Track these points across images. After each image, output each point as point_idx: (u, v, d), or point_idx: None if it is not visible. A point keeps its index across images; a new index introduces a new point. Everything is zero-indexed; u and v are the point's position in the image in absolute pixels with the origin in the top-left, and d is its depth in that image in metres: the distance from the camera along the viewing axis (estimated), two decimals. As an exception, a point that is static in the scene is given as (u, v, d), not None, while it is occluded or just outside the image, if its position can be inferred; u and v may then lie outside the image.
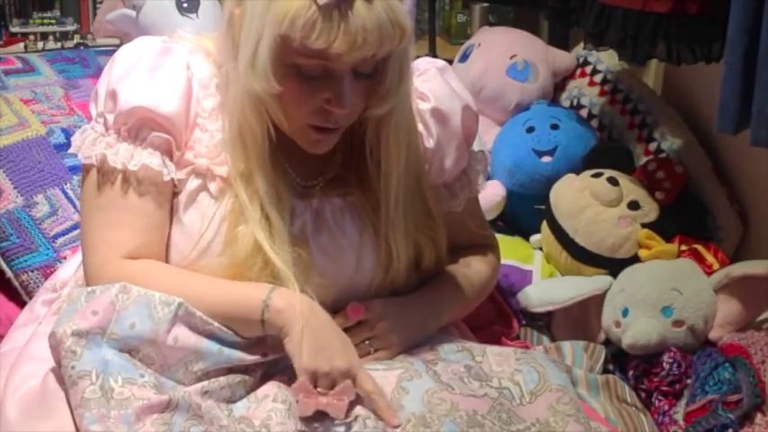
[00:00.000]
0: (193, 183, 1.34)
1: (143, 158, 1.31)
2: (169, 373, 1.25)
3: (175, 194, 1.34)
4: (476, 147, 1.54)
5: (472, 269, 1.51)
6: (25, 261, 1.68)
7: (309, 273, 1.32)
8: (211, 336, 1.27)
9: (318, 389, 1.25)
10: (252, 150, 1.30)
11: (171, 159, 1.34)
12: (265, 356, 1.29)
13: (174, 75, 1.33)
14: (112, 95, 1.33)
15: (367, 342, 1.35)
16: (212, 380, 1.25)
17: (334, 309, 1.35)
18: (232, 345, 1.27)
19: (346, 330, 1.33)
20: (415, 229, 1.40)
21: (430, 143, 1.43)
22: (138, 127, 1.32)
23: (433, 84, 1.44)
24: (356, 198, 1.38)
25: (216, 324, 1.27)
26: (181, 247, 1.34)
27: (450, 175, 1.47)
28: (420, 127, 1.42)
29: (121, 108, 1.32)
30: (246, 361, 1.28)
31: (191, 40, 1.40)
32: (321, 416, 1.24)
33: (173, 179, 1.33)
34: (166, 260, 1.35)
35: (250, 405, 1.25)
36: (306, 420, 1.24)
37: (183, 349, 1.26)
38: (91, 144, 1.33)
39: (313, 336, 1.26)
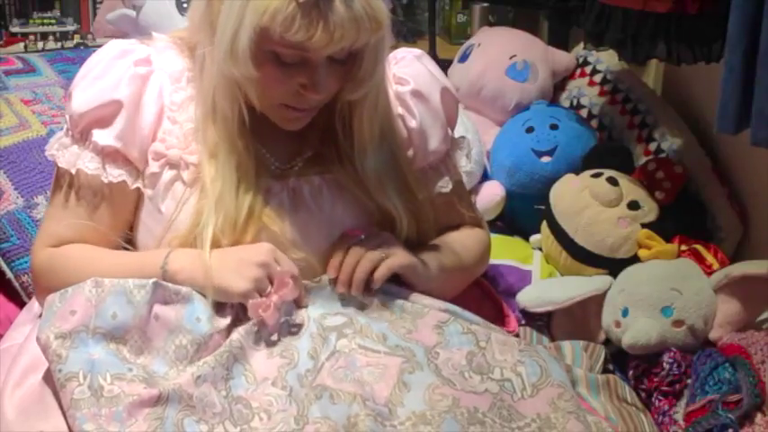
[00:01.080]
0: (167, 174, 1.38)
1: (83, 163, 1.37)
2: (159, 357, 1.27)
3: (141, 189, 1.39)
4: (473, 146, 1.56)
5: (460, 237, 1.55)
6: (26, 262, 1.67)
7: (285, 250, 1.35)
8: (186, 304, 1.30)
9: (263, 294, 1.30)
10: (222, 129, 1.34)
11: (125, 160, 1.38)
12: (236, 317, 1.32)
13: (120, 71, 1.38)
14: (70, 98, 1.39)
15: (378, 250, 1.37)
16: (201, 363, 1.26)
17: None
18: (205, 309, 1.30)
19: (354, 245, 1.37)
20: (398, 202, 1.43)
21: (413, 123, 1.48)
22: (87, 130, 1.38)
23: (410, 68, 1.50)
24: (336, 174, 1.41)
25: (184, 289, 1.31)
26: (155, 232, 1.38)
27: (436, 156, 1.51)
28: (401, 110, 1.47)
29: (73, 111, 1.38)
30: (222, 324, 1.31)
31: (163, 39, 1.45)
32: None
33: (112, 182, 1.37)
34: (140, 246, 1.41)
35: (249, 386, 1.27)
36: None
37: (166, 325, 1.29)
38: (53, 143, 1.41)
39: (221, 272, 1.30)
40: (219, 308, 1.32)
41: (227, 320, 1.31)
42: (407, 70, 1.49)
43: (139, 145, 1.38)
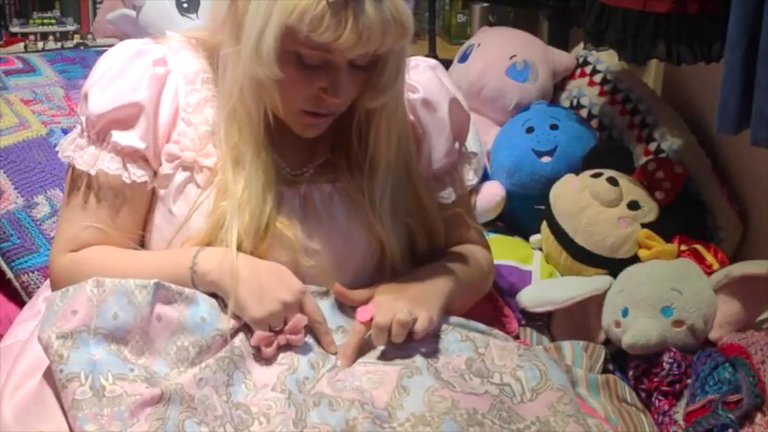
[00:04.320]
0: (181, 176, 1.38)
1: (103, 164, 1.36)
2: (161, 358, 1.27)
3: (156, 189, 1.39)
4: (474, 148, 1.56)
5: (473, 251, 1.54)
6: (26, 262, 1.68)
7: (297, 256, 1.35)
8: (190, 305, 1.30)
9: (274, 329, 1.30)
10: (246, 132, 1.34)
11: (144, 160, 1.37)
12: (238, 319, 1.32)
13: (139, 72, 1.37)
14: (85, 99, 1.38)
15: (406, 311, 1.33)
16: (203, 366, 1.26)
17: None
18: (209, 313, 1.30)
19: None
20: (405, 214, 1.43)
21: (419, 132, 1.48)
22: (105, 131, 1.37)
23: (422, 77, 1.49)
24: (346, 183, 1.40)
25: (187, 290, 1.30)
26: (166, 234, 1.38)
27: (439, 166, 1.50)
28: (410, 117, 1.46)
29: (90, 112, 1.37)
30: (226, 330, 1.30)
31: (178, 39, 1.44)
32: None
33: (136, 182, 1.36)
34: (150, 247, 1.40)
35: (248, 392, 1.27)
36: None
37: (168, 326, 1.28)
38: (68, 145, 1.40)
39: (248, 285, 1.30)
40: (224, 310, 1.32)
41: (233, 322, 1.31)
42: (419, 78, 1.48)
43: (155, 146, 1.38)
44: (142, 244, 1.41)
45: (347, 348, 1.33)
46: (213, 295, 1.33)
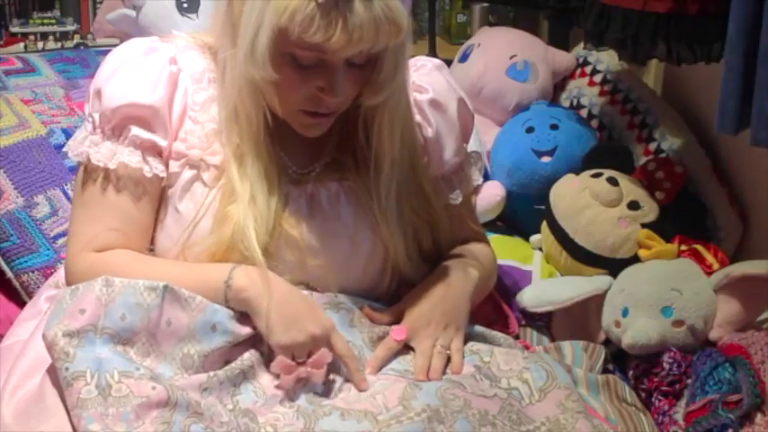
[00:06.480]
0: (187, 174, 1.37)
1: (123, 157, 1.35)
2: (166, 362, 1.26)
3: (166, 188, 1.38)
4: (474, 148, 1.57)
5: (480, 248, 1.55)
6: (26, 261, 1.68)
7: (304, 255, 1.35)
8: (203, 310, 1.28)
9: (297, 360, 1.28)
10: (246, 133, 1.34)
11: (160, 156, 1.37)
12: (256, 329, 1.30)
13: (156, 69, 1.37)
14: (98, 95, 1.37)
15: (439, 347, 1.37)
16: (211, 375, 1.25)
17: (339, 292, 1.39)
18: (222, 321, 1.29)
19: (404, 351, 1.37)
20: (411, 212, 1.43)
21: (429, 132, 1.48)
22: (122, 126, 1.36)
23: (430, 77, 1.50)
24: (353, 182, 1.41)
25: (198, 298, 1.29)
26: (173, 233, 1.37)
27: (449, 166, 1.51)
28: (419, 117, 1.47)
29: (105, 108, 1.36)
30: (240, 336, 1.29)
31: (184, 38, 1.44)
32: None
33: (157, 175, 1.36)
34: (157, 246, 1.39)
35: (257, 399, 1.27)
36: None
37: (177, 332, 1.27)
38: (79, 143, 1.38)
39: (280, 310, 1.29)
40: (240, 318, 1.31)
41: (246, 330, 1.30)
42: (427, 78, 1.49)
43: (168, 144, 1.37)
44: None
45: (375, 360, 1.35)
46: None
